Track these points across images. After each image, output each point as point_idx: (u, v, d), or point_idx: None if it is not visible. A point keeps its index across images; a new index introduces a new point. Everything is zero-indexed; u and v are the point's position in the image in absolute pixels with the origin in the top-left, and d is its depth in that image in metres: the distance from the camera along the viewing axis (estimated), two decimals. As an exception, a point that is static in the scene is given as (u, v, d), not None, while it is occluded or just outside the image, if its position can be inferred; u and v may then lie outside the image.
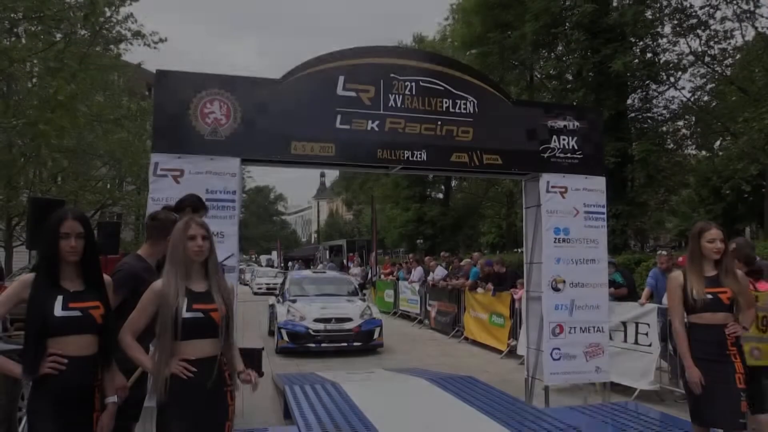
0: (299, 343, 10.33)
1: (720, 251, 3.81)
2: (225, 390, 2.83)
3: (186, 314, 2.71)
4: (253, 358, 5.71)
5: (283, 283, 13.41)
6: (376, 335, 10.76)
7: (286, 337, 10.38)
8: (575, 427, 4.61)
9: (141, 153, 17.11)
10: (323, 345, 10.34)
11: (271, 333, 12.31)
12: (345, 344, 10.42)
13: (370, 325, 10.76)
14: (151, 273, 3.47)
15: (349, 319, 10.61)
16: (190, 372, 2.69)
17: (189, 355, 2.72)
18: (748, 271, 4.62)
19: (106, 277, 3.03)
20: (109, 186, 20.43)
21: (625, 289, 8.11)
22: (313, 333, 10.31)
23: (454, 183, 31.59)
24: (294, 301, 11.16)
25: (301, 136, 5.48)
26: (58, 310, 2.73)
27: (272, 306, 12.57)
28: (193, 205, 4.11)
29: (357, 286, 13.80)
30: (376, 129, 5.67)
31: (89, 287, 2.88)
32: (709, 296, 3.76)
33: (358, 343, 10.51)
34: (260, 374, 6.03)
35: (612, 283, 7.49)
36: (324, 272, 16.60)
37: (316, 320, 10.44)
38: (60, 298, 2.76)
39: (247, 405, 6.88)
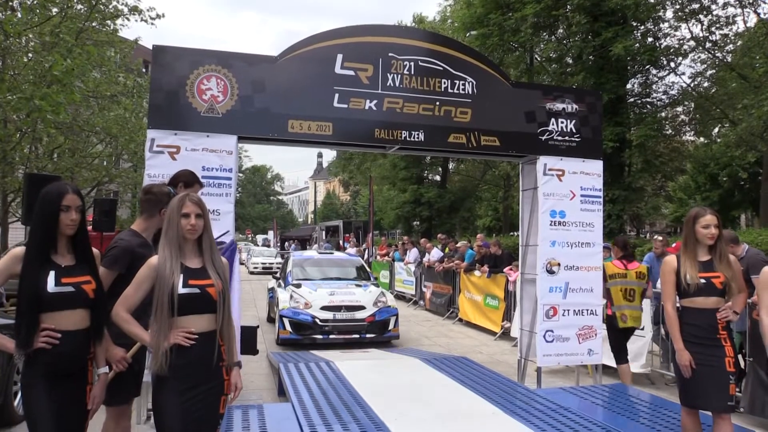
0: (304, 334, 9.16)
1: (714, 237, 3.83)
2: (220, 365, 2.85)
3: (182, 290, 2.72)
4: (248, 336, 5.75)
5: (284, 265, 12.04)
6: (391, 326, 9.53)
7: (288, 327, 9.20)
8: (566, 408, 4.66)
9: (138, 130, 17.00)
10: (332, 336, 9.17)
11: (270, 320, 11.42)
12: (357, 336, 9.25)
13: (384, 314, 9.50)
14: (147, 248, 3.47)
15: (362, 308, 9.40)
16: (189, 342, 2.70)
17: (186, 329, 2.73)
18: (622, 255, 6.48)
19: (94, 251, 3.04)
20: (105, 163, 20.33)
21: None
22: (320, 323, 9.13)
23: (451, 165, 31.55)
24: (298, 286, 9.86)
25: (298, 115, 5.46)
26: (51, 286, 2.73)
27: (272, 290, 11.46)
28: (186, 180, 4.10)
29: (369, 270, 12.33)
30: (374, 108, 5.65)
31: (80, 262, 2.89)
32: (703, 281, 3.79)
33: (372, 335, 9.31)
34: (255, 353, 6.08)
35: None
36: (331, 253, 14.69)
37: (324, 308, 9.26)
38: (52, 273, 2.76)
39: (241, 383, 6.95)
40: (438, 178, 32.73)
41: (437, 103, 5.82)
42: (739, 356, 6.03)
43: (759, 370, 5.43)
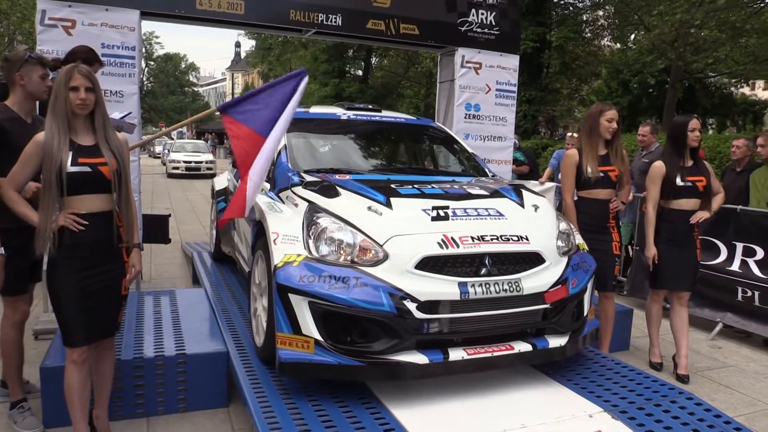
0: (366, 352, 2.65)
1: (614, 131, 4.08)
2: (120, 246, 2.78)
3: (71, 168, 2.57)
4: (158, 224, 5.64)
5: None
6: (586, 307, 3.31)
7: (313, 328, 2.66)
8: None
9: (32, 7, 15.39)
10: (455, 357, 2.74)
11: (222, 257, 5.65)
12: (529, 348, 2.94)
13: (583, 276, 3.27)
14: (17, 122, 3.20)
15: (534, 258, 3.01)
16: (81, 225, 2.60)
17: (79, 209, 2.62)
18: None
19: None
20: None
21: (526, 167, 8.44)
22: (420, 314, 2.65)
23: (374, 60, 30.89)
24: (332, 195, 3.12)
25: (207, -10, 5.09)
26: None
27: (224, 196, 5.56)
28: (84, 57, 3.78)
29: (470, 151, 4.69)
30: (289, -13, 5.35)
31: None
32: (601, 174, 4.06)
33: (559, 340, 3.07)
34: (167, 241, 6.00)
35: (513, 161, 7.78)
36: (378, 110, 4.69)
37: (429, 264, 2.74)
38: None
39: (155, 272, 6.90)
40: (360, 72, 32.03)
41: (356, -15, 5.58)
42: (629, 246, 6.60)
43: (642, 257, 5.94)
